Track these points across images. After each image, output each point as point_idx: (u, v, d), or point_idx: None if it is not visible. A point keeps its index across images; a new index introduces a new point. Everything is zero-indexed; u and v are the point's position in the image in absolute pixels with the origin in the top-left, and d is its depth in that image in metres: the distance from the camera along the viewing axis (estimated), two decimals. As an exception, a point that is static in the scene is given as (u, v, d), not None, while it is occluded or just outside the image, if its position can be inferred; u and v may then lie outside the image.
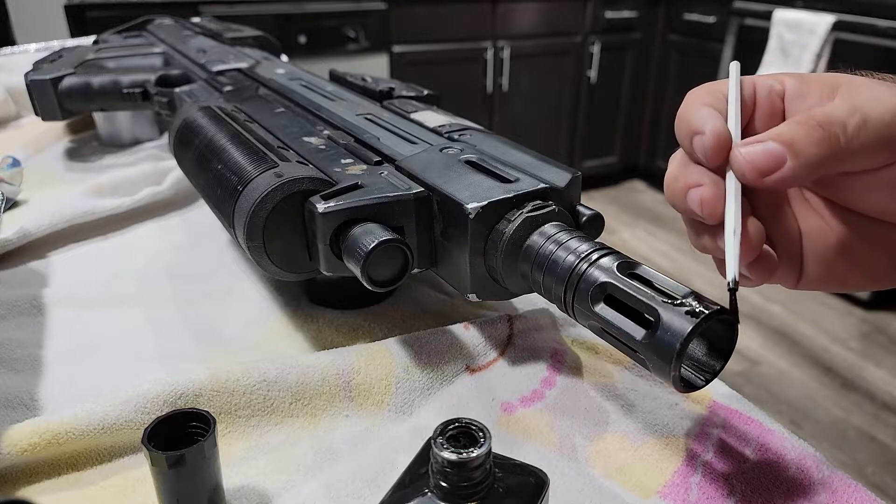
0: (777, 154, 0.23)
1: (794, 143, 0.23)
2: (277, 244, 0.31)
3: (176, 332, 0.38)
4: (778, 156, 0.23)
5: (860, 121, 0.23)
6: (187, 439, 0.24)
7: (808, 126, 0.23)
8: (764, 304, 1.98)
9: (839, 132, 0.23)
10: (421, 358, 0.33)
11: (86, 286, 0.43)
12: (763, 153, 0.23)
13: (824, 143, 0.23)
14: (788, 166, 0.23)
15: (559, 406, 0.31)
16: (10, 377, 0.34)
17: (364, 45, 2.13)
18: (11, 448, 0.27)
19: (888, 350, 1.76)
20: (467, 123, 0.39)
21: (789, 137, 0.23)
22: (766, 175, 0.23)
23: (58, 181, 0.59)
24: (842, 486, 0.26)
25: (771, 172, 0.23)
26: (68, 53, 0.66)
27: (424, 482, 0.21)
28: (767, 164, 0.23)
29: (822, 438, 1.46)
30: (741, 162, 0.23)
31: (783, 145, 0.23)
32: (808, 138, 0.23)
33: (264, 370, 0.31)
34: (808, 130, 0.23)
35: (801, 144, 0.23)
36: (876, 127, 0.23)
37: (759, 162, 0.23)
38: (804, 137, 0.23)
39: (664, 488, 0.27)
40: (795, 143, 0.23)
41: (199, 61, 0.58)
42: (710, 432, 0.29)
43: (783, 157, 0.23)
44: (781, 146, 0.23)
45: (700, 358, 0.25)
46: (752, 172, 0.23)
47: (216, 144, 0.37)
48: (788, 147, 0.23)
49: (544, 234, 0.29)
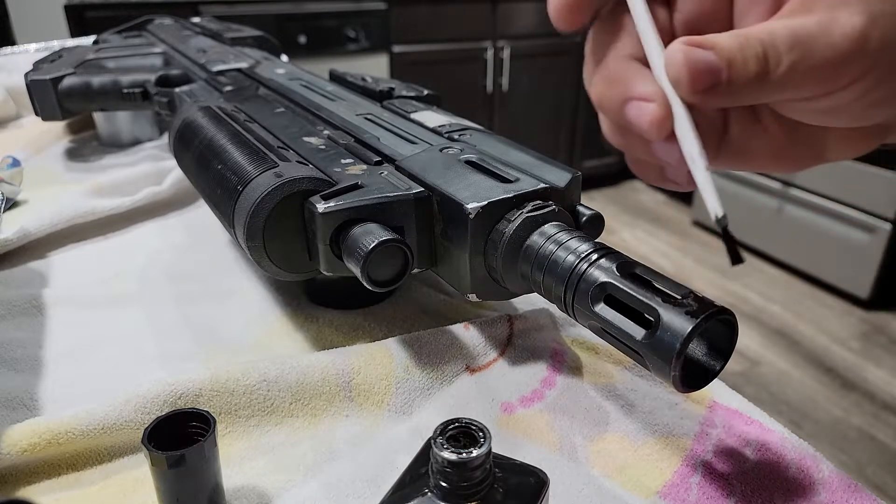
0: (715, 69, 0.20)
1: (732, 66, 0.20)
2: (277, 244, 0.31)
3: (176, 332, 0.38)
4: (716, 72, 0.20)
5: (797, 57, 0.20)
6: (187, 439, 0.24)
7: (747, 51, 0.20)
8: (764, 304, 1.98)
9: (771, 67, 0.20)
10: (421, 358, 0.33)
11: (86, 286, 0.43)
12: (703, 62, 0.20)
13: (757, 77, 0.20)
14: (721, 89, 0.20)
15: (559, 406, 0.31)
16: (10, 377, 0.34)
17: (364, 45, 2.13)
18: (11, 448, 0.27)
19: (888, 350, 1.76)
20: (467, 123, 0.39)
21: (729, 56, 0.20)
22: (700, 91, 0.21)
23: (58, 181, 0.59)
24: (842, 486, 0.26)
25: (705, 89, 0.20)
26: (68, 53, 0.66)
27: (424, 482, 0.21)
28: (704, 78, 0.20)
29: (822, 438, 1.46)
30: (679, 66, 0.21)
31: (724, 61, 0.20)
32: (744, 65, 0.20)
33: (264, 370, 0.31)
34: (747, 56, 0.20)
35: (737, 70, 0.20)
36: (813, 65, 0.20)
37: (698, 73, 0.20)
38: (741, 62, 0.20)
39: (664, 488, 0.27)
40: (733, 65, 0.20)
41: (199, 61, 0.58)
42: (710, 432, 0.29)
43: (720, 74, 0.20)
44: (721, 61, 0.20)
45: (700, 358, 0.25)
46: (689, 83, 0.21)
47: (216, 144, 0.37)
48: (727, 66, 0.20)
49: (544, 234, 0.29)
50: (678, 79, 0.21)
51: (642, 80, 0.23)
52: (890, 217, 1.83)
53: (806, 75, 0.20)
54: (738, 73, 0.20)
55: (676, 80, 0.21)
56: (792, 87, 0.21)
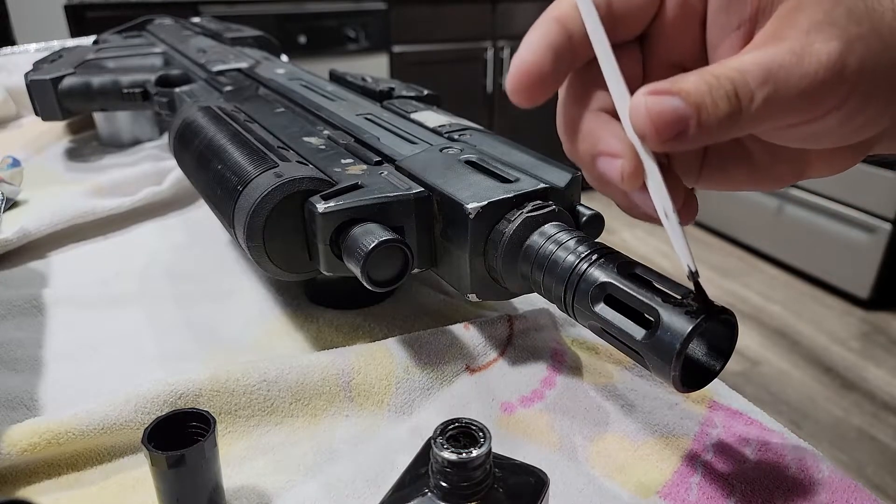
0: (683, 116, 0.19)
1: (701, 109, 0.19)
2: (277, 244, 0.31)
3: (176, 332, 0.38)
4: (684, 118, 0.19)
5: (770, 92, 0.19)
6: (187, 439, 0.24)
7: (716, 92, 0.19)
8: (764, 304, 1.98)
9: (744, 105, 0.19)
10: (421, 358, 0.33)
11: (86, 286, 0.43)
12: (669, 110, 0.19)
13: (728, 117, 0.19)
14: (692, 133, 0.19)
15: (559, 406, 0.31)
16: (10, 377, 0.34)
17: (364, 45, 2.13)
18: (11, 448, 0.27)
19: (888, 350, 1.76)
20: (467, 123, 0.39)
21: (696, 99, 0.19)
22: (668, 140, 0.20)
23: (58, 181, 0.59)
24: (842, 486, 0.26)
25: (673, 137, 0.20)
26: (68, 53, 0.66)
27: (424, 482, 0.21)
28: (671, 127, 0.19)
29: (822, 438, 1.46)
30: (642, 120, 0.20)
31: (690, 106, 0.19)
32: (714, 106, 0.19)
33: (264, 370, 0.31)
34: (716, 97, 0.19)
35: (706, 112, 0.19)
36: (788, 98, 0.19)
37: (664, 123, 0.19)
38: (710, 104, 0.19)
39: (664, 488, 0.27)
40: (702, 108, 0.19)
41: (199, 61, 0.58)
42: (710, 432, 0.29)
43: (688, 120, 0.19)
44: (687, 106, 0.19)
45: (700, 358, 0.25)
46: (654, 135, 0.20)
47: (216, 144, 0.37)
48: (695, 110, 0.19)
49: (544, 234, 0.29)
50: (643, 132, 0.20)
51: (610, 134, 0.23)
52: (890, 217, 1.84)
53: (781, 107, 0.20)
54: (707, 115, 0.19)
55: (642, 133, 0.20)
56: (768, 119, 0.20)
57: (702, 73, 0.20)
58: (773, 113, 0.20)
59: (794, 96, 0.19)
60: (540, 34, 0.23)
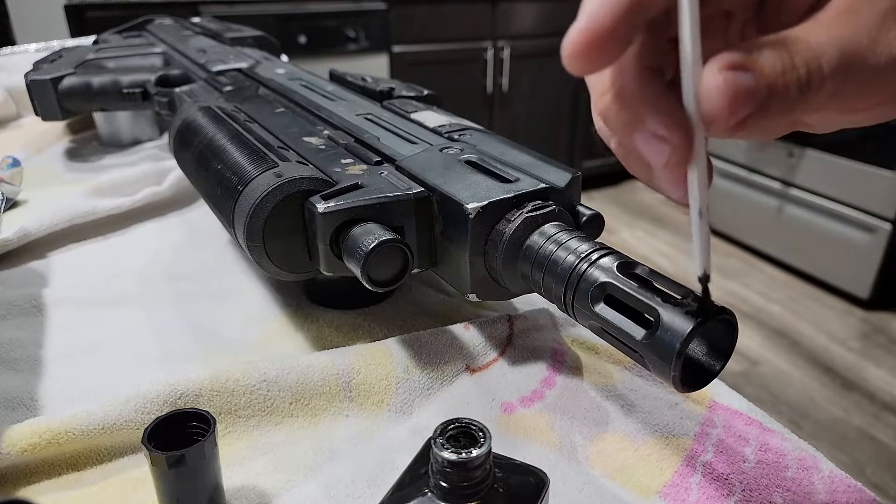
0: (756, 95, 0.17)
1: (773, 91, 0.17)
2: (277, 244, 0.31)
3: (176, 332, 0.38)
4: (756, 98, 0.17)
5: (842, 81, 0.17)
6: (187, 439, 0.24)
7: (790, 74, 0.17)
8: (764, 304, 1.98)
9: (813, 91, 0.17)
10: (421, 358, 0.33)
11: (86, 286, 0.43)
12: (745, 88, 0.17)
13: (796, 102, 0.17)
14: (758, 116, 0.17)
15: (559, 406, 0.31)
16: (10, 377, 0.34)
17: (364, 45, 2.13)
18: (11, 448, 0.27)
19: (888, 350, 1.76)
20: (467, 123, 0.39)
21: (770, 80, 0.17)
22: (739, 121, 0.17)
23: (58, 181, 0.59)
24: (842, 486, 0.26)
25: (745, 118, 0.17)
26: (68, 53, 0.66)
27: (424, 482, 0.21)
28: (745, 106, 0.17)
29: (822, 438, 1.46)
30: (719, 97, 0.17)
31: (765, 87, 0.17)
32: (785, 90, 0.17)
33: (264, 370, 0.31)
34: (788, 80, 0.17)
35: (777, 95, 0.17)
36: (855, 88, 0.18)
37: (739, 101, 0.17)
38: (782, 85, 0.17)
39: (664, 488, 0.27)
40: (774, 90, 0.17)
41: (199, 61, 0.58)
42: (710, 432, 0.29)
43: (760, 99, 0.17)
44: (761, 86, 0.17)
45: (700, 358, 0.25)
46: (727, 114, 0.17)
47: (216, 144, 0.37)
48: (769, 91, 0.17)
49: (544, 234, 0.29)
50: (715, 113, 0.17)
51: (661, 110, 0.19)
52: (890, 217, 1.83)
53: (846, 97, 0.18)
54: (776, 99, 0.17)
55: (713, 114, 0.17)
56: (824, 108, 0.18)
57: (778, 47, 0.17)
58: (833, 102, 0.18)
59: (859, 87, 0.18)
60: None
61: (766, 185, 2.18)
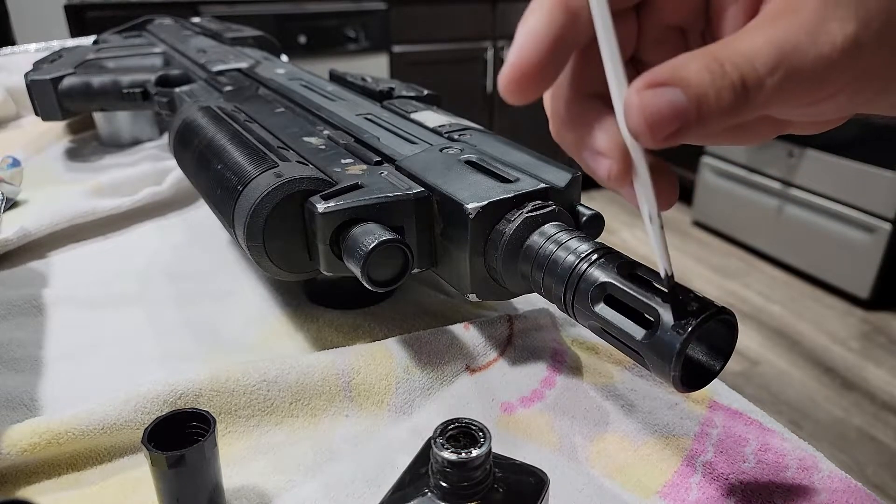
0: (681, 109, 0.17)
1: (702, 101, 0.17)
2: (277, 244, 0.31)
3: (176, 332, 0.38)
4: (682, 113, 0.17)
5: (781, 78, 0.18)
6: (187, 439, 0.24)
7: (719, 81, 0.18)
8: (764, 304, 1.98)
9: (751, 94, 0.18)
10: (421, 358, 0.33)
11: (86, 286, 0.43)
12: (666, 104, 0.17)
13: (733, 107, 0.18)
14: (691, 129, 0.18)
15: (559, 406, 0.31)
16: (10, 377, 0.34)
17: (364, 45, 2.13)
18: (11, 448, 0.27)
19: (888, 350, 1.76)
20: (467, 123, 0.39)
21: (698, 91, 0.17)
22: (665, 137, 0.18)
23: (58, 181, 0.59)
24: (842, 486, 0.26)
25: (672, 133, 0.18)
26: (68, 53, 0.66)
27: (424, 482, 0.21)
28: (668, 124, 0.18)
29: (822, 438, 1.46)
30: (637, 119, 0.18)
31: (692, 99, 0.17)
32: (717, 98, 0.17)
33: (264, 370, 0.31)
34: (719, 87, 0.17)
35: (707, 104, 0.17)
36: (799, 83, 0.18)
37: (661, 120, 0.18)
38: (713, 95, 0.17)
39: (664, 488, 0.27)
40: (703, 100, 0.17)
41: (199, 61, 0.58)
42: (710, 432, 0.29)
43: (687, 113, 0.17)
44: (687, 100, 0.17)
45: (700, 358, 0.25)
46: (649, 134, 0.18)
47: (216, 144, 0.37)
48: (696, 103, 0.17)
49: (544, 234, 0.29)
50: (637, 132, 0.18)
51: (600, 128, 0.21)
52: (890, 217, 1.83)
53: (790, 92, 0.18)
54: (709, 109, 0.18)
55: (635, 132, 0.18)
56: (774, 105, 0.18)
57: (705, 57, 0.18)
58: (781, 99, 0.18)
59: (805, 80, 0.18)
60: (540, 18, 0.20)
61: (766, 185, 2.18)
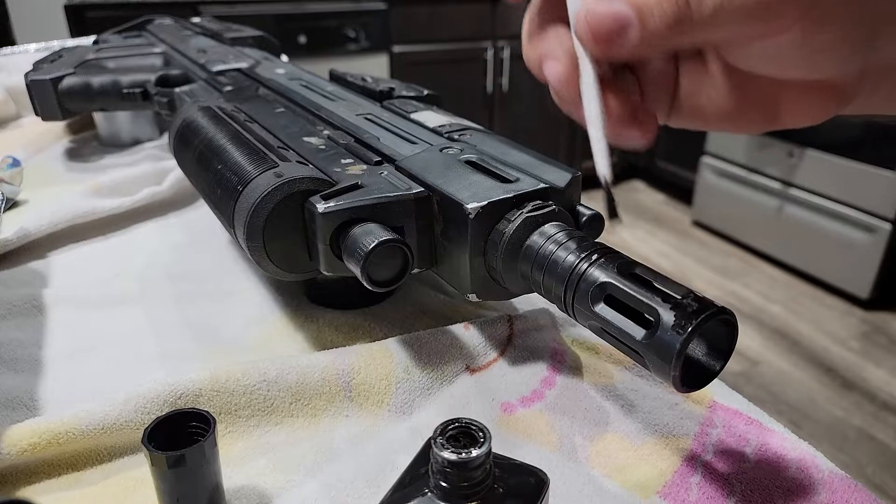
0: (624, 20, 0.20)
1: (644, 13, 0.20)
2: (277, 244, 0.31)
3: (176, 332, 0.38)
4: (624, 23, 0.20)
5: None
6: (187, 439, 0.24)
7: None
8: (764, 304, 1.98)
9: (693, 8, 0.19)
10: (421, 358, 0.33)
11: (86, 286, 0.43)
12: (608, 15, 0.20)
13: (675, 20, 0.20)
14: (634, 37, 0.20)
15: (559, 406, 0.31)
16: (10, 377, 0.34)
17: (364, 45, 2.13)
18: (11, 448, 0.27)
19: (888, 350, 1.76)
20: (467, 123, 0.39)
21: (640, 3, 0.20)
22: (608, 44, 0.20)
23: (58, 181, 0.59)
24: (842, 486, 0.26)
25: (613, 42, 0.20)
26: (68, 53, 0.66)
27: (424, 482, 0.21)
28: (610, 31, 0.20)
29: (822, 438, 1.46)
30: (582, 26, 0.21)
31: (634, 10, 0.20)
32: (660, 9, 0.20)
33: (264, 370, 0.31)
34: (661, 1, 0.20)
35: (650, 16, 0.20)
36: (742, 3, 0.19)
37: (602, 27, 0.20)
38: (656, 7, 0.20)
39: (664, 488, 0.27)
40: (645, 12, 0.20)
41: (199, 61, 0.58)
42: (710, 432, 0.29)
43: (629, 24, 0.20)
44: (631, 10, 0.20)
45: (700, 358, 0.25)
46: (592, 40, 0.21)
47: (216, 144, 0.37)
48: (638, 14, 0.20)
49: (544, 234, 0.29)
50: (581, 35, 0.21)
51: (556, 39, 0.24)
52: (890, 217, 1.83)
53: (736, 14, 0.19)
54: (652, 20, 0.20)
55: (580, 36, 0.21)
56: (718, 26, 0.20)
57: None
58: (724, 19, 0.20)
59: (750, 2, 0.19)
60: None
61: (766, 185, 2.18)
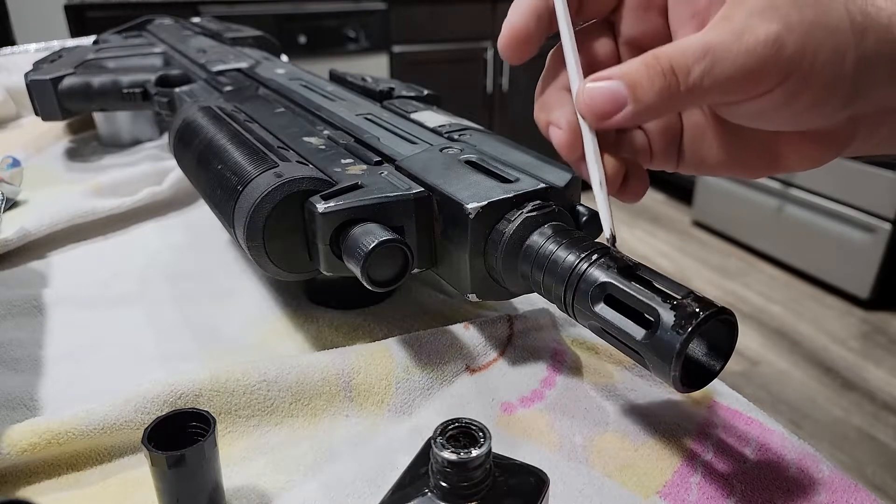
0: (618, 96, 0.22)
1: (636, 87, 0.22)
2: (277, 244, 0.31)
3: (176, 332, 0.38)
4: (619, 98, 0.22)
5: (707, 66, 0.21)
6: (187, 439, 0.24)
7: (652, 70, 0.22)
8: (764, 304, 1.98)
9: (681, 79, 0.22)
10: (421, 358, 0.33)
11: (86, 286, 0.43)
12: (604, 93, 0.23)
13: (664, 91, 0.22)
14: (628, 110, 0.22)
15: (559, 406, 0.31)
16: (10, 377, 0.34)
17: (364, 45, 2.13)
18: (11, 448, 0.27)
19: (888, 350, 1.76)
20: (467, 123, 0.39)
21: (632, 79, 0.22)
22: (605, 118, 0.23)
23: (58, 181, 0.59)
24: (842, 486, 0.26)
25: (610, 116, 0.23)
26: (68, 53, 0.66)
27: (424, 482, 0.21)
28: (606, 107, 0.23)
29: (822, 438, 1.46)
30: (581, 104, 0.24)
31: (626, 86, 0.22)
32: (650, 83, 0.22)
33: (264, 370, 0.31)
34: (651, 75, 0.22)
35: (642, 90, 0.22)
36: (725, 72, 0.21)
37: (599, 105, 0.23)
38: (646, 81, 0.22)
39: (664, 488, 0.27)
40: (637, 87, 0.22)
41: (199, 61, 0.58)
42: (710, 432, 0.29)
43: (624, 99, 0.22)
44: (624, 87, 0.22)
45: (700, 358, 0.25)
46: (591, 116, 0.24)
47: (216, 144, 0.37)
48: (630, 90, 0.22)
49: (544, 234, 0.29)
50: (582, 112, 0.24)
51: (561, 107, 0.27)
52: (890, 217, 1.83)
53: (719, 81, 0.21)
54: (643, 92, 0.22)
55: (581, 112, 0.25)
56: (706, 93, 0.22)
57: (645, 56, 0.22)
58: (711, 87, 0.22)
59: (732, 71, 0.21)
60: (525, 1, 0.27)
61: (766, 185, 2.18)
